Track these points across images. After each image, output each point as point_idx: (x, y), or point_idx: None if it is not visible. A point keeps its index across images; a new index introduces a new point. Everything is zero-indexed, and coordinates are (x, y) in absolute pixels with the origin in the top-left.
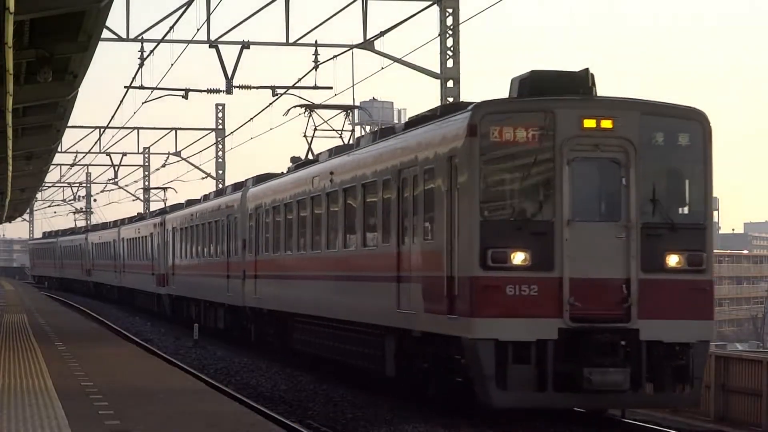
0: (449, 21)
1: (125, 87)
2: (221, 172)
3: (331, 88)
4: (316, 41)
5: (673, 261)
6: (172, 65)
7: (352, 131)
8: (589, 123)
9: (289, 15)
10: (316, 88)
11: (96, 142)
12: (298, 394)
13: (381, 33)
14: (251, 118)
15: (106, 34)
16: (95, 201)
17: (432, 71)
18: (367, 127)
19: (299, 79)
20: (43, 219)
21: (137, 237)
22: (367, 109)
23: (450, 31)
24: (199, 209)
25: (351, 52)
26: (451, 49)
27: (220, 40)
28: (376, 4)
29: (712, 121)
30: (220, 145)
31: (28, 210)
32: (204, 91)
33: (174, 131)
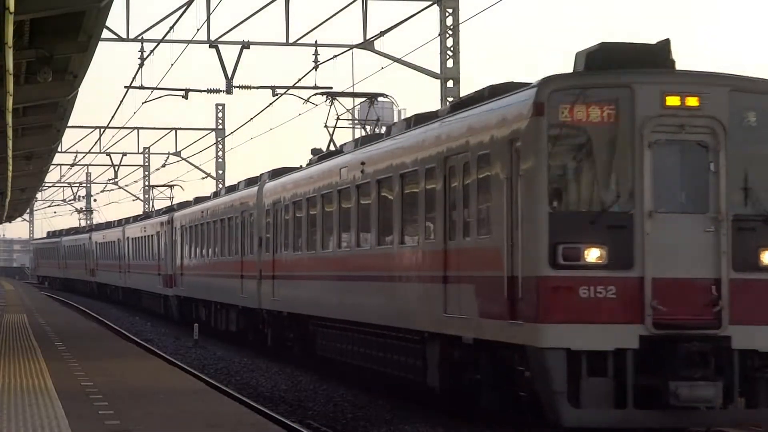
0: (449, 21)
1: (125, 87)
2: (221, 172)
3: (331, 88)
4: (316, 41)
5: None
6: (172, 65)
7: (377, 121)
8: (673, 100)
9: (289, 15)
10: (316, 88)
11: (96, 142)
12: (298, 394)
13: (381, 33)
14: (251, 118)
15: (106, 34)
16: (95, 201)
17: (432, 71)
18: (368, 127)
19: (299, 79)
20: (44, 219)
21: (143, 236)
22: (392, 98)
23: (450, 31)
24: (210, 206)
25: (351, 52)
26: (451, 49)
27: (220, 40)
28: (376, 4)
29: None
30: (220, 145)
31: (28, 210)
32: (204, 91)
33: (174, 131)
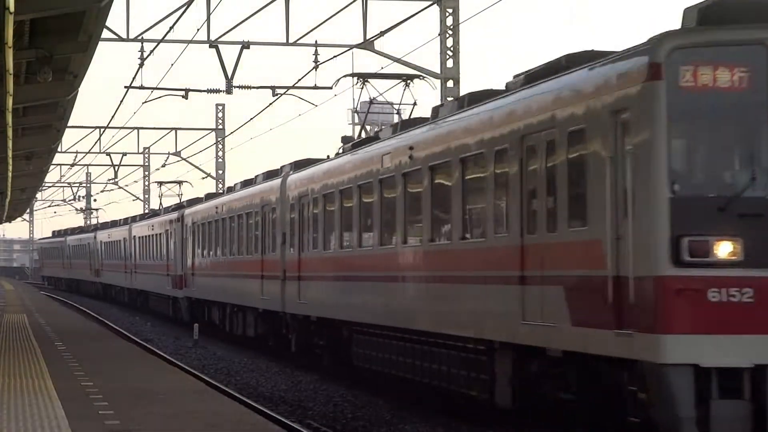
0: (449, 21)
1: (125, 87)
2: (221, 172)
3: (331, 88)
4: (316, 41)
5: None
6: (172, 65)
7: (414, 104)
8: None
9: (289, 15)
10: (316, 88)
11: (96, 142)
12: (298, 394)
13: (381, 33)
14: (251, 118)
15: (106, 34)
16: (95, 201)
17: (432, 71)
18: (368, 127)
19: (299, 79)
20: (44, 219)
21: (151, 235)
22: (430, 80)
23: (450, 31)
24: (225, 201)
25: (351, 52)
26: (451, 49)
27: (220, 40)
28: (376, 4)
29: None
30: (220, 145)
31: (28, 210)
32: (204, 91)
33: (174, 131)
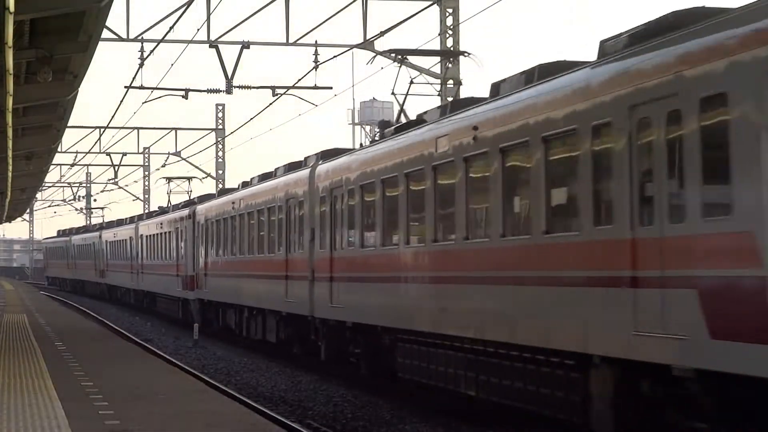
0: (449, 21)
1: (125, 87)
2: (221, 172)
3: (331, 88)
4: (316, 41)
5: None
6: (172, 65)
7: (459, 84)
8: None
9: (289, 15)
10: (316, 88)
11: (96, 142)
12: (298, 394)
13: (381, 33)
14: (251, 118)
15: (106, 34)
16: (95, 201)
17: (432, 71)
18: (368, 127)
19: (299, 79)
20: (44, 219)
21: (159, 233)
22: (475, 56)
23: (450, 31)
24: (243, 196)
25: (351, 52)
26: (451, 48)
27: (220, 40)
28: (376, 4)
29: None
30: (220, 145)
31: (28, 210)
32: (204, 91)
33: (174, 131)
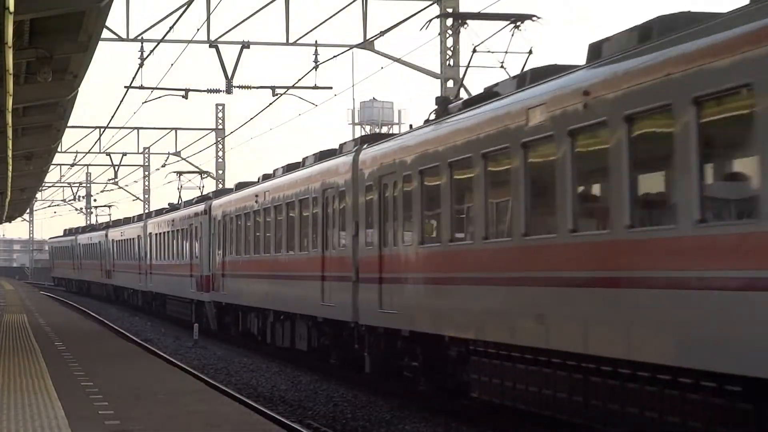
0: (449, 21)
1: (125, 87)
2: (221, 172)
3: (331, 88)
4: (316, 41)
5: None
6: (172, 65)
7: (529, 53)
8: None
9: (289, 15)
10: (316, 88)
11: (96, 142)
12: (298, 394)
13: (381, 33)
14: (251, 118)
15: (106, 34)
16: (95, 201)
17: (432, 71)
18: (368, 127)
19: (299, 79)
20: (44, 219)
21: (169, 231)
22: (543, 21)
23: (450, 31)
24: (268, 188)
25: (351, 52)
26: (451, 49)
27: (220, 40)
28: (376, 4)
29: None
30: (220, 145)
31: (28, 210)
32: (204, 91)
33: (174, 131)
